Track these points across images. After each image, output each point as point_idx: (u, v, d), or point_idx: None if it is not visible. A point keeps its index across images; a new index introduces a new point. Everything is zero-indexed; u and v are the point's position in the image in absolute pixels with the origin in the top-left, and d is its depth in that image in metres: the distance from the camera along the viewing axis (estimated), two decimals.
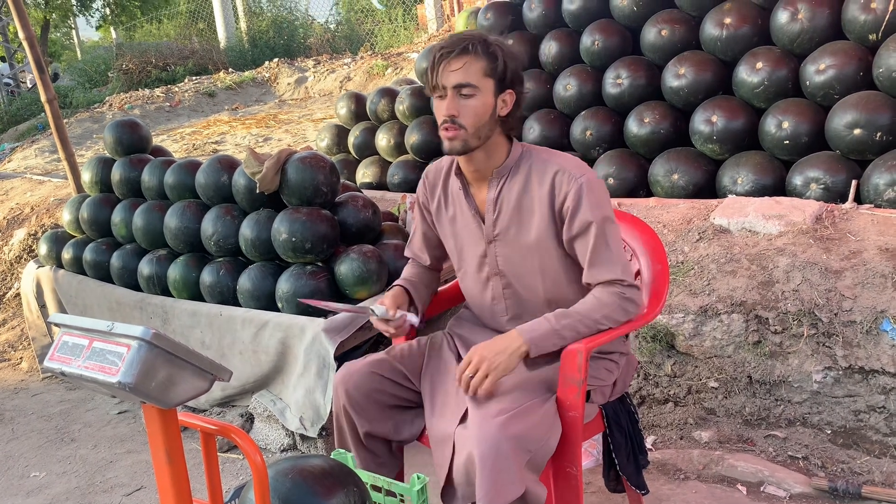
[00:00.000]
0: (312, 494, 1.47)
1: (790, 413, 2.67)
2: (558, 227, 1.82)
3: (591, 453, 2.66)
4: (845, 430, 2.59)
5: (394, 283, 2.09)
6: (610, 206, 1.82)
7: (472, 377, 1.70)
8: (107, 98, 10.44)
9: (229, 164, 3.34)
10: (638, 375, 2.92)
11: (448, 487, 1.69)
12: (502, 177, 1.84)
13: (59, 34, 23.09)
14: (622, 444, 2.00)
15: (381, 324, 1.95)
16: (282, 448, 3.00)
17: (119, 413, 3.65)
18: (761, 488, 2.43)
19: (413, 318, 1.99)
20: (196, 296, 3.37)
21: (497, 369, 1.69)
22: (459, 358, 2.01)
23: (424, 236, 2.12)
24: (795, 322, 2.66)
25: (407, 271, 2.17)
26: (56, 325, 1.30)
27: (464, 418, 1.72)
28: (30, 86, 13.00)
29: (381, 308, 1.95)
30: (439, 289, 2.21)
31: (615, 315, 1.79)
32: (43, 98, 4.72)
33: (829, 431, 2.61)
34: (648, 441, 2.75)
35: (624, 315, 1.80)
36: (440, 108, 1.76)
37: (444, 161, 2.02)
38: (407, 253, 2.19)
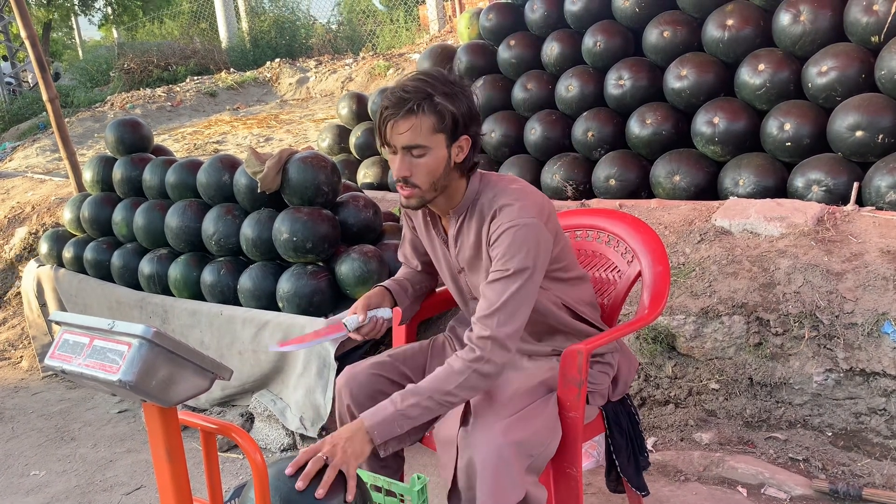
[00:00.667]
0: (313, 494, 1.47)
1: (791, 415, 2.67)
2: None
3: (590, 454, 2.66)
4: (846, 432, 2.59)
5: (377, 284, 2.08)
6: (533, 258, 1.68)
7: (323, 458, 1.53)
8: (108, 97, 10.44)
9: (231, 164, 3.34)
10: (639, 377, 2.92)
11: (454, 489, 1.69)
12: (460, 215, 1.81)
13: (60, 33, 23.09)
14: (623, 445, 1.99)
15: (355, 334, 1.92)
16: (282, 448, 3.00)
17: (119, 412, 3.65)
18: (762, 490, 2.43)
19: (384, 313, 1.95)
20: (196, 295, 3.37)
21: (350, 457, 1.54)
22: None
23: (412, 243, 2.09)
24: (796, 324, 2.65)
25: (399, 273, 2.16)
26: (57, 323, 1.30)
27: (465, 420, 1.72)
28: (31, 85, 12.99)
29: (353, 319, 1.90)
30: (438, 290, 2.20)
31: (469, 383, 1.64)
32: (44, 97, 4.73)
33: (829, 433, 2.61)
34: (649, 442, 2.74)
35: (482, 383, 1.66)
36: (393, 165, 1.71)
37: None
38: (399, 257, 2.17)
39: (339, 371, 2.42)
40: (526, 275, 1.67)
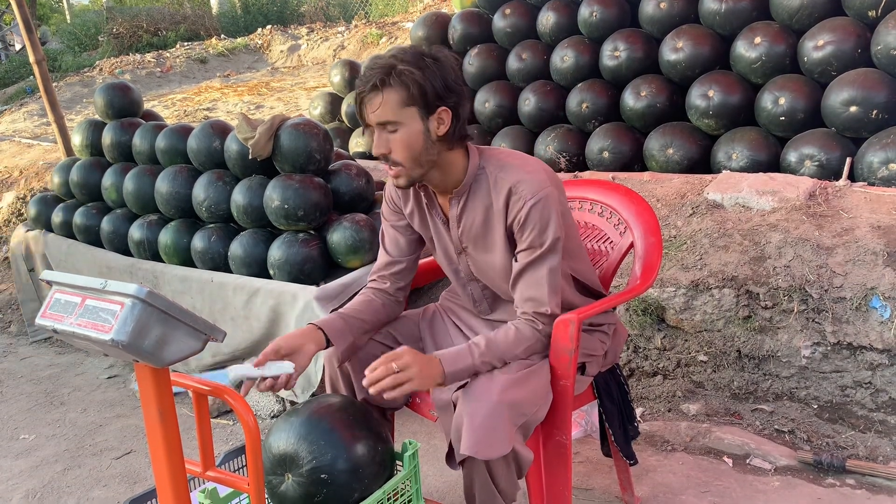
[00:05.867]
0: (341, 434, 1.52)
1: (778, 387, 2.70)
2: (514, 242, 1.78)
3: (579, 423, 2.68)
4: (831, 404, 2.62)
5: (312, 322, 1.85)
6: (559, 228, 1.72)
7: (395, 372, 1.59)
8: (97, 62, 10.30)
9: (221, 130, 3.31)
10: (627, 348, 2.94)
11: (451, 451, 1.71)
12: (462, 195, 1.78)
13: None
14: (614, 413, 2.02)
15: (244, 387, 1.64)
16: (272, 414, 3.01)
17: (108, 378, 3.65)
18: (747, 461, 2.46)
19: (282, 368, 1.64)
20: (187, 261, 3.35)
21: (412, 383, 1.60)
22: (456, 328, 2.02)
23: (392, 239, 1.98)
24: (786, 298, 2.67)
25: (357, 299, 1.97)
26: (48, 282, 1.29)
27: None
28: (18, 48, 12.80)
29: (236, 372, 1.61)
30: (425, 260, 2.17)
31: (535, 348, 1.76)
32: (31, 59, 4.66)
33: (815, 406, 2.64)
34: (637, 413, 2.77)
35: (543, 348, 1.78)
36: (373, 144, 1.72)
37: None
38: (380, 256, 2.01)
39: None
40: (559, 245, 1.74)
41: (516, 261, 1.76)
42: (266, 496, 1.56)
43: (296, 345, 1.73)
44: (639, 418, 2.73)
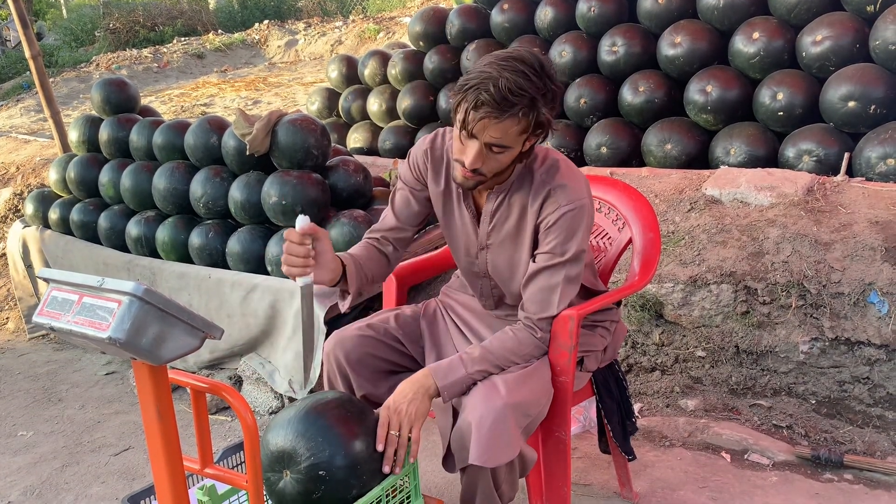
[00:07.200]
0: (336, 429, 1.52)
1: (776, 383, 2.70)
2: (538, 242, 1.77)
3: (577, 419, 2.68)
4: (829, 400, 2.62)
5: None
6: (585, 241, 1.73)
7: (398, 435, 1.59)
8: (93, 58, 10.27)
9: (219, 126, 3.30)
10: (626, 344, 2.94)
11: (449, 454, 1.70)
12: (503, 192, 1.76)
13: None
14: (613, 409, 2.01)
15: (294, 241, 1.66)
16: (270, 410, 3.01)
17: (107, 374, 3.64)
18: (745, 456, 2.46)
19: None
20: (184, 258, 3.35)
21: (416, 418, 1.60)
22: (456, 328, 2.01)
23: (413, 198, 1.91)
24: (784, 293, 2.67)
25: (360, 246, 1.92)
26: (45, 279, 1.28)
27: None
28: (14, 44, 12.76)
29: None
30: (430, 254, 2.18)
31: (533, 354, 1.75)
32: (27, 54, 4.63)
33: (813, 401, 2.64)
34: (635, 409, 2.77)
35: (541, 354, 1.77)
36: (466, 150, 1.62)
37: (448, 147, 1.85)
38: (371, 231, 1.94)
39: (328, 335, 2.42)
40: (581, 258, 1.73)
41: (534, 261, 1.75)
42: (264, 493, 1.56)
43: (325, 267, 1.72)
44: (637, 414, 2.73)
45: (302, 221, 1.67)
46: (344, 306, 1.84)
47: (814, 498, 2.22)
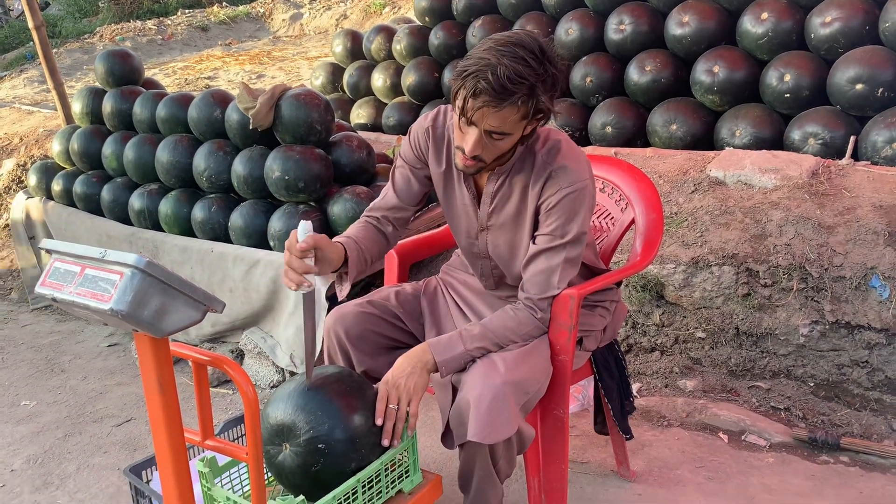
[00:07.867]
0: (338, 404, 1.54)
1: (775, 365, 2.71)
2: (538, 224, 1.76)
3: (575, 398, 2.70)
4: (828, 383, 2.63)
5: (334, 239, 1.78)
6: (586, 222, 1.72)
7: (397, 409, 1.61)
8: (97, 29, 10.21)
9: (222, 99, 3.29)
10: (626, 324, 2.95)
11: (448, 431, 1.71)
12: (503, 174, 1.75)
13: None
14: (612, 389, 2.02)
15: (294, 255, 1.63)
16: (271, 384, 3.03)
17: (109, 346, 3.66)
18: (742, 437, 2.48)
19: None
20: (187, 231, 3.35)
21: (414, 392, 1.62)
22: (456, 306, 2.01)
23: (404, 179, 1.90)
24: (785, 276, 2.67)
25: (357, 226, 1.88)
26: (47, 251, 1.28)
27: None
28: (17, 14, 12.67)
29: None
30: (430, 232, 2.17)
31: (533, 334, 1.75)
32: (30, 24, 4.61)
33: (811, 384, 2.65)
34: (634, 388, 2.78)
35: (541, 334, 1.78)
36: (465, 136, 1.60)
37: (450, 126, 1.83)
38: (370, 209, 1.91)
39: (329, 310, 2.42)
40: (582, 240, 1.73)
41: (534, 242, 1.74)
42: (264, 465, 1.58)
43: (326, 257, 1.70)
44: (635, 394, 2.75)
45: (304, 230, 1.62)
46: (342, 293, 1.83)
47: (810, 479, 2.24)
